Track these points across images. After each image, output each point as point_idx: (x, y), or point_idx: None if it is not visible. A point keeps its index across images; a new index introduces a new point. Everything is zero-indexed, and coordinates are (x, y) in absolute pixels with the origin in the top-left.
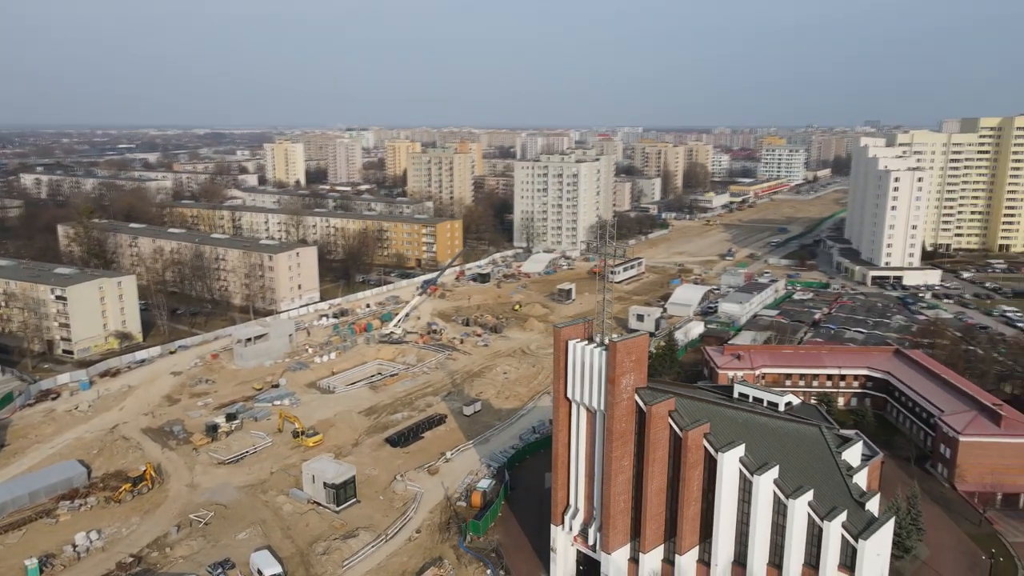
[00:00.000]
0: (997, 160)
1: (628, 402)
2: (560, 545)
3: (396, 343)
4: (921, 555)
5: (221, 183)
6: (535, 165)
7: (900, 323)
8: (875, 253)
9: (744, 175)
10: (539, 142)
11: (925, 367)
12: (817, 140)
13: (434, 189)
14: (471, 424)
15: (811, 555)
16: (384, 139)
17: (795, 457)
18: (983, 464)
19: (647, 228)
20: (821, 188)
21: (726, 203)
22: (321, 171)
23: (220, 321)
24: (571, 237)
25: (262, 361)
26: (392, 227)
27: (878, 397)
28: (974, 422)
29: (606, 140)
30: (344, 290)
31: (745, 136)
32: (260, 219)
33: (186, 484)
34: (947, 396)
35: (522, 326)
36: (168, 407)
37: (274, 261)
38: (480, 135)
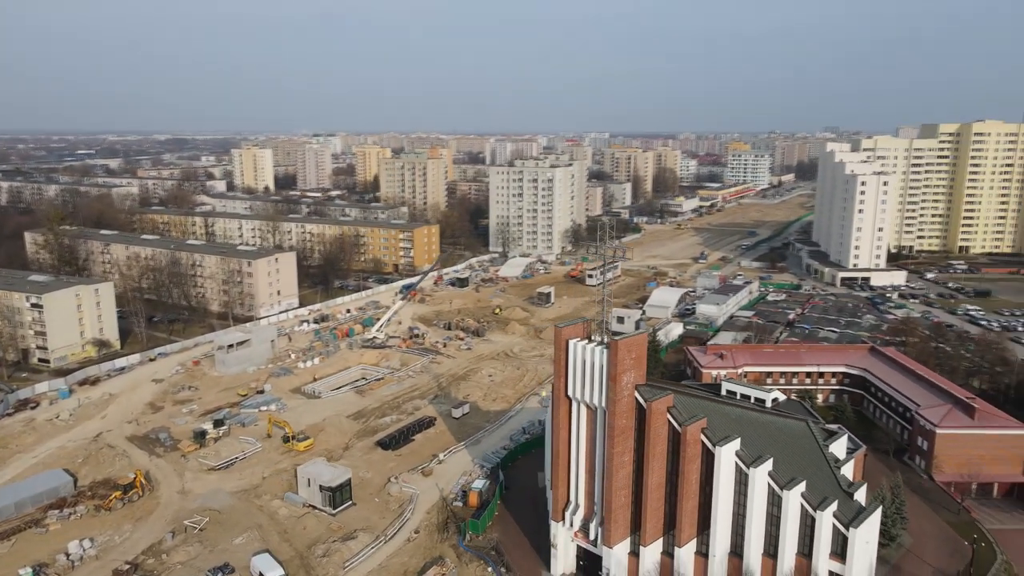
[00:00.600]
0: (956, 164)
1: (628, 399)
2: (561, 541)
3: (379, 348)
4: (905, 543)
5: (189, 189)
6: (510, 170)
7: (871, 322)
8: (843, 255)
9: (711, 180)
10: (508, 148)
11: (900, 363)
12: (780, 145)
13: (407, 194)
14: (460, 426)
15: (804, 544)
16: (351, 145)
17: (786, 450)
18: (959, 455)
19: (620, 232)
20: (786, 192)
21: (696, 207)
22: (290, 177)
23: (198, 328)
24: (546, 242)
25: (245, 367)
26: (369, 232)
27: (855, 393)
28: (949, 415)
29: (576, 146)
30: (323, 296)
31: (710, 142)
32: (234, 225)
33: (177, 491)
34: (922, 391)
35: (504, 329)
36: (152, 415)
37: (253, 267)
38: (449, 141)
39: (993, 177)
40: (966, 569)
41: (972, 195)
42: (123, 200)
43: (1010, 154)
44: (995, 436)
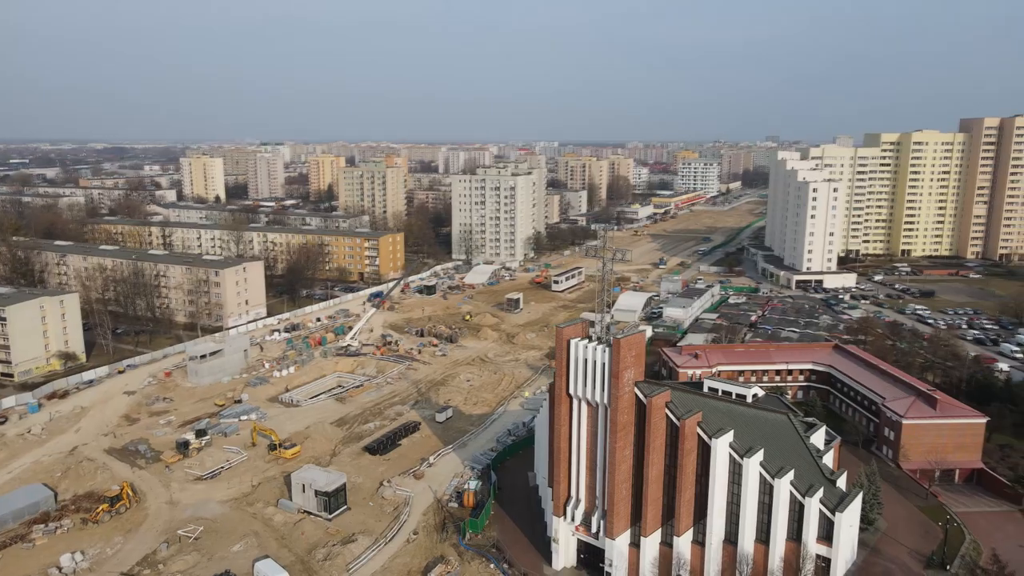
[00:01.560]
0: (897, 172)
1: (629, 395)
2: (562, 536)
3: (354, 355)
4: (881, 527)
5: (138, 199)
6: (472, 179)
7: (828, 322)
8: (797, 259)
9: (662, 187)
10: (461, 156)
11: (862, 360)
12: (727, 154)
13: (367, 203)
14: (445, 430)
15: (793, 530)
16: (300, 154)
17: (771, 442)
18: (923, 444)
19: (580, 239)
20: (735, 199)
21: (651, 214)
22: (240, 186)
23: (165, 339)
24: (509, 249)
25: (219, 378)
26: (334, 241)
27: (821, 389)
28: (913, 406)
29: (529, 154)
30: (289, 305)
31: (658, 150)
32: (192, 235)
33: (165, 501)
34: (886, 385)
35: (476, 335)
36: (128, 427)
37: (221, 276)
38: (400, 150)
39: (931, 184)
40: (939, 549)
41: (912, 201)
42: (70, 210)
43: (946, 162)
44: (956, 425)
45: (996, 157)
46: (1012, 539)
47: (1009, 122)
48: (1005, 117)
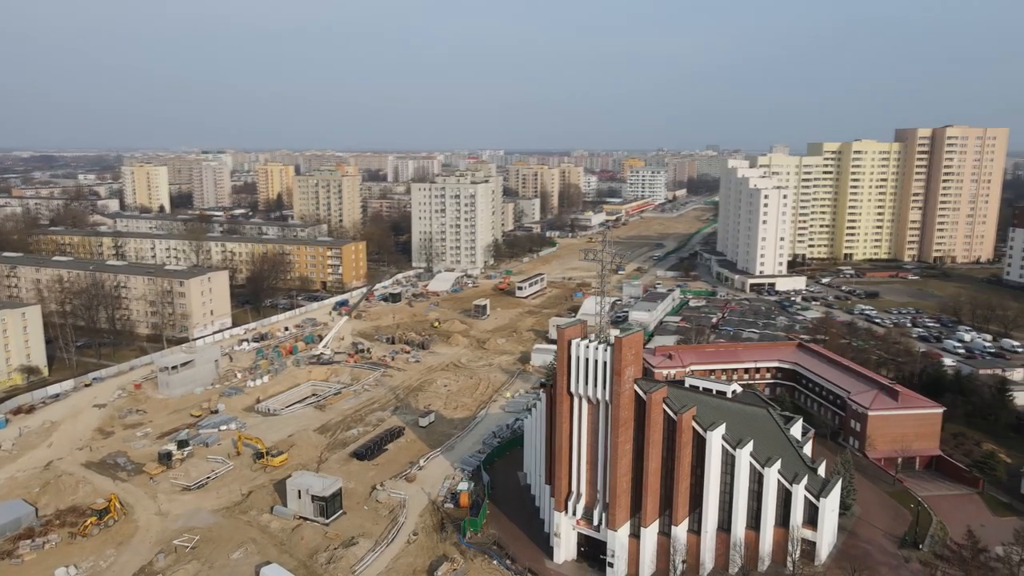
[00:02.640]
0: (839, 179)
1: (629, 392)
2: (563, 530)
3: (327, 363)
4: (856, 512)
5: (79, 209)
6: (432, 187)
7: (784, 323)
8: (750, 263)
9: (611, 195)
10: (410, 165)
11: (825, 357)
12: (671, 162)
13: (322, 212)
14: (429, 434)
15: (781, 516)
16: (243, 162)
17: (756, 434)
18: (887, 434)
19: (537, 246)
20: (682, 206)
21: (603, 221)
22: (184, 195)
23: (128, 351)
24: (470, 256)
25: (191, 389)
26: (295, 250)
27: (787, 385)
28: (877, 399)
29: (480, 163)
30: (254, 315)
31: (603, 158)
32: (147, 245)
33: (154, 513)
34: (849, 379)
35: (447, 342)
36: (104, 440)
37: (186, 287)
38: (347, 159)
39: (870, 191)
40: (911, 530)
41: (853, 207)
42: (7, 221)
43: (884, 170)
44: (916, 415)
45: (929, 165)
46: (973, 519)
47: (940, 132)
48: (937, 128)
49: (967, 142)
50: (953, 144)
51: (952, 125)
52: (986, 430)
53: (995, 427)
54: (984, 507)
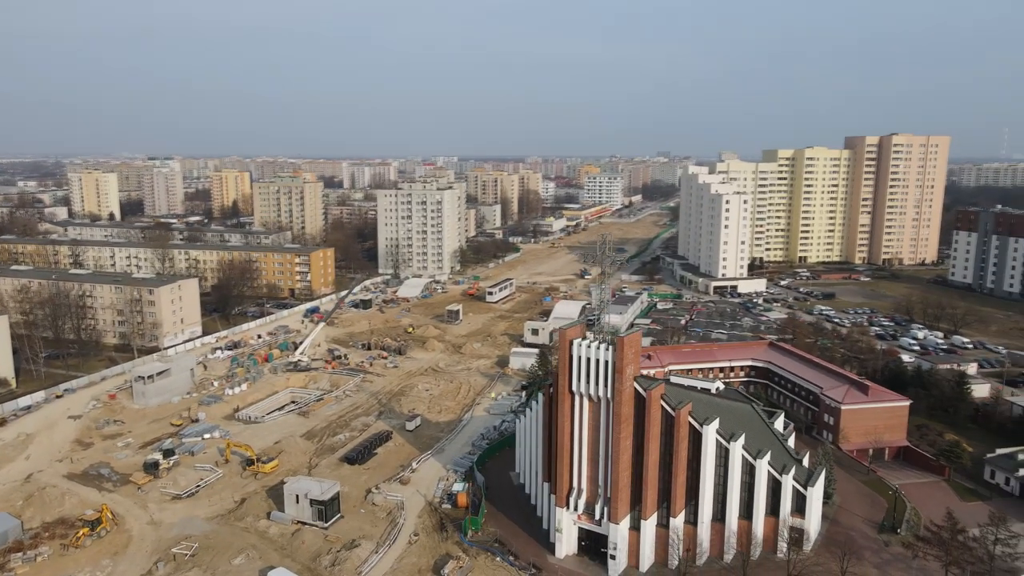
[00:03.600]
0: (793, 185)
1: (630, 389)
2: (565, 525)
3: (304, 370)
4: (836, 501)
5: (25, 216)
6: (399, 193)
7: (750, 324)
8: (712, 266)
9: (568, 201)
10: (367, 172)
11: (795, 355)
12: (625, 168)
13: (284, 219)
14: (416, 438)
15: (771, 505)
16: (191, 168)
17: (745, 427)
18: (859, 427)
19: (502, 252)
20: (638, 212)
21: (564, 227)
22: (135, 203)
23: (97, 362)
24: (437, 262)
25: (167, 398)
26: (263, 258)
27: (760, 383)
28: (849, 394)
29: (438, 169)
30: (223, 323)
31: (558, 165)
32: (106, 253)
33: (146, 522)
34: (820, 376)
35: (423, 347)
36: (83, 451)
37: (156, 295)
38: (301, 165)
39: (822, 196)
40: (888, 516)
41: (807, 211)
42: None
43: (835, 176)
44: (885, 408)
45: (877, 172)
46: (942, 504)
47: (887, 140)
48: (883, 136)
49: (912, 149)
50: (899, 151)
51: (898, 133)
52: (946, 421)
53: (955, 418)
54: (952, 493)
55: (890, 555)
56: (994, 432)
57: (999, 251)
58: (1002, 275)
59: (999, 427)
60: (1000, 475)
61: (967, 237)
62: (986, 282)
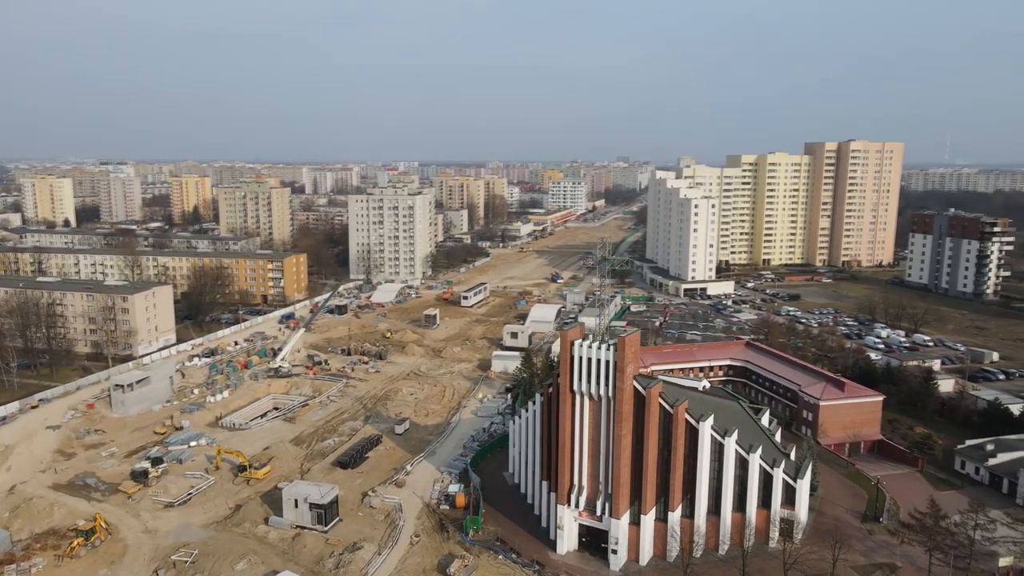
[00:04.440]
0: (756, 190)
1: (630, 387)
2: (566, 522)
3: (286, 376)
4: (820, 493)
5: None
6: (370, 199)
7: (721, 325)
8: (682, 269)
9: (533, 206)
10: (329, 177)
11: (772, 353)
12: (587, 173)
13: (251, 225)
14: (406, 441)
15: (762, 498)
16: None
17: (735, 423)
18: (837, 422)
19: (472, 257)
20: (602, 216)
21: (531, 231)
22: (90, 209)
23: (70, 371)
24: (409, 267)
25: (147, 406)
26: (235, 264)
27: (738, 381)
28: (826, 390)
29: (403, 175)
30: (196, 330)
31: (520, 170)
32: (70, 260)
33: (141, 531)
34: (798, 373)
35: (403, 351)
36: (66, 461)
37: (130, 303)
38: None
39: (784, 200)
40: (870, 506)
41: (770, 215)
42: None
43: (796, 180)
44: (861, 404)
45: (836, 176)
46: (918, 494)
47: (845, 146)
48: (842, 142)
49: (868, 155)
50: (856, 157)
51: (855, 139)
52: (915, 416)
53: (923, 413)
54: (926, 483)
55: (874, 543)
56: (960, 425)
57: (953, 253)
58: (956, 276)
59: (965, 420)
60: (970, 465)
61: (923, 239)
62: (941, 282)
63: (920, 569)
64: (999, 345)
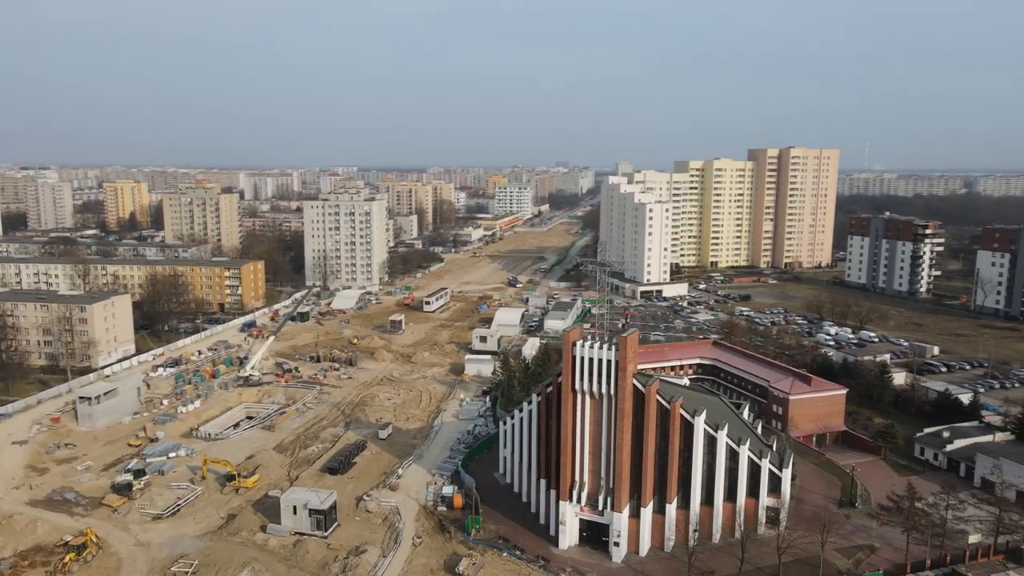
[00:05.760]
0: (703, 194)
1: (631, 385)
2: (568, 518)
3: (257, 385)
4: (797, 482)
5: None
6: (326, 204)
7: (681, 325)
8: (638, 272)
9: (479, 211)
10: (270, 183)
11: (738, 351)
12: (530, 179)
13: (198, 231)
14: (390, 446)
15: (752, 488)
16: (71, 179)
17: (722, 417)
18: (806, 414)
19: (427, 262)
20: (548, 221)
21: (482, 236)
22: (15, 216)
23: (26, 385)
24: (366, 273)
25: (116, 419)
26: (190, 271)
27: (708, 379)
28: (795, 385)
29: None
30: (153, 340)
31: (461, 175)
32: (11, 270)
33: (133, 544)
34: (765, 370)
35: (372, 357)
36: (39, 477)
37: (89, 312)
38: (195, 175)
39: (730, 204)
40: (846, 492)
41: (717, 219)
42: None
43: (740, 186)
44: (827, 397)
45: (778, 181)
46: (883, 480)
47: (786, 152)
48: (783, 148)
49: (807, 161)
50: (796, 163)
51: (795, 146)
52: (872, 407)
53: (879, 404)
54: (889, 470)
55: (852, 526)
56: (912, 415)
57: (889, 254)
58: (892, 275)
59: (917, 410)
60: (929, 451)
61: (860, 241)
62: (878, 282)
63: (896, 549)
64: (936, 340)
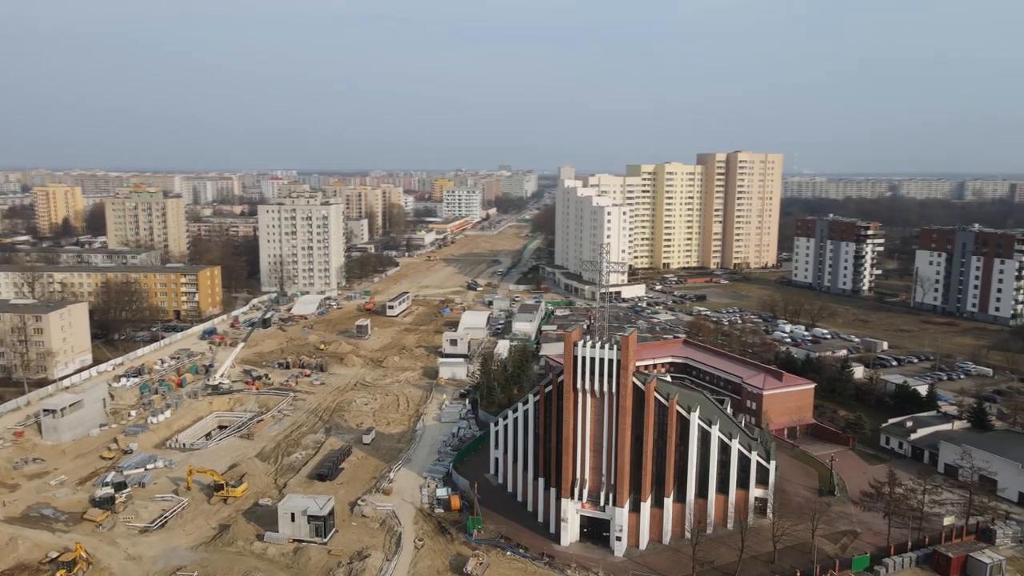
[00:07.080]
0: (655, 197)
1: (631, 383)
2: (570, 515)
3: (227, 393)
4: (779, 474)
5: None
6: (282, 209)
7: (644, 326)
8: (596, 274)
9: (428, 214)
10: (209, 187)
11: (708, 349)
12: (476, 183)
13: (144, 237)
14: (375, 450)
15: (741, 479)
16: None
17: (711, 413)
18: (778, 409)
19: (382, 266)
20: (497, 224)
21: (434, 240)
22: None
23: None
24: (324, 278)
25: (83, 431)
26: (144, 278)
27: (679, 376)
28: (767, 381)
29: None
30: (109, 349)
31: (405, 179)
32: None
33: (124, 558)
34: (737, 367)
35: (342, 363)
36: (12, 494)
37: (44, 322)
38: (127, 179)
39: (681, 207)
40: (825, 482)
41: (668, 222)
42: None
43: (691, 189)
44: (797, 391)
45: (726, 185)
46: (855, 469)
47: (733, 156)
48: (730, 152)
49: (753, 165)
50: (743, 167)
51: (742, 151)
52: (835, 400)
53: (841, 398)
54: (859, 459)
55: (834, 514)
56: (873, 406)
57: (833, 254)
58: (837, 275)
59: (877, 402)
60: (894, 441)
61: (806, 242)
62: (824, 281)
63: (876, 533)
64: (883, 335)
